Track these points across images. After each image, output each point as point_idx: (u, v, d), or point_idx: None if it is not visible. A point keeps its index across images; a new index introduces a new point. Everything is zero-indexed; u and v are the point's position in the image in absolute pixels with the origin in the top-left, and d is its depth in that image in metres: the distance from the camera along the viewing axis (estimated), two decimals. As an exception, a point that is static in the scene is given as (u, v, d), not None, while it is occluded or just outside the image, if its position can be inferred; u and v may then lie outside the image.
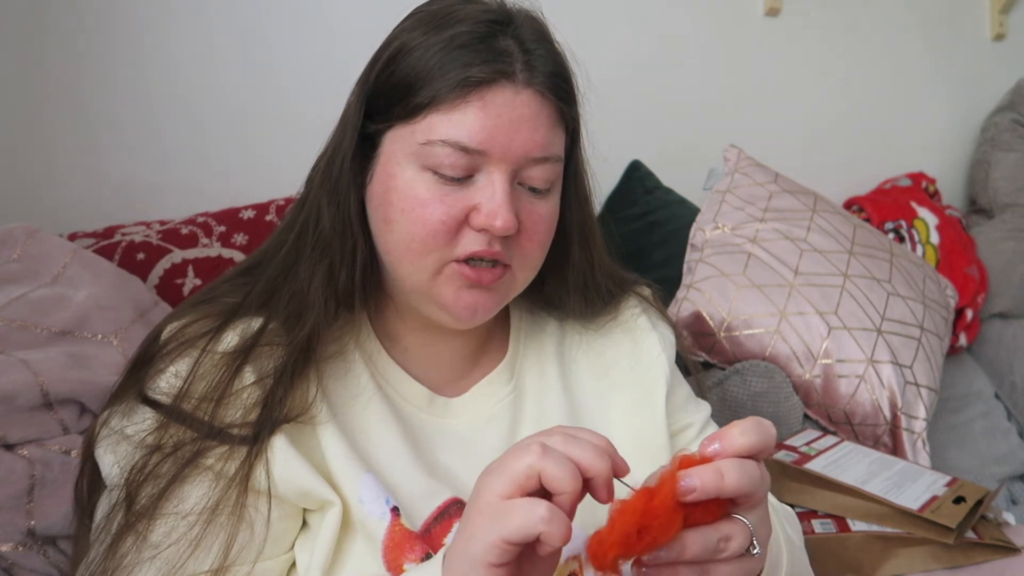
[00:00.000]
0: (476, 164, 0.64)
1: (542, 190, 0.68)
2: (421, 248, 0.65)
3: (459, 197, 0.64)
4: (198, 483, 0.62)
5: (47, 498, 0.73)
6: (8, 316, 0.80)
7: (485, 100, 0.64)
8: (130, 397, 0.65)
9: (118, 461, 0.63)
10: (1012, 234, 1.82)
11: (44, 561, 0.73)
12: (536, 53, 0.66)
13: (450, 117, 0.64)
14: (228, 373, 0.64)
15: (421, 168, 0.65)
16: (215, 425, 0.62)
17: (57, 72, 1.16)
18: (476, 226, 0.65)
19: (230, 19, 1.27)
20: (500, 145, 0.64)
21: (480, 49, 0.64)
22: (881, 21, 1.94)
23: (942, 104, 2.06)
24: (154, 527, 0.60)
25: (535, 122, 0.65)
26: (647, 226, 1.46)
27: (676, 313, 1.28)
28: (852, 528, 0.99)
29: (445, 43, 0.64)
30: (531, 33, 0.67)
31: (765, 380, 1.21)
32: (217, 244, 1.07)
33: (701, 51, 1.71)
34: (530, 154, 0.65)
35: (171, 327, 0.68)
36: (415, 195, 0.64)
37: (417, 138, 0.64)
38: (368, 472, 0.65)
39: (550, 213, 0.69)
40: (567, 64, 0.70)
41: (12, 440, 0.73)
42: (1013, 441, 1.54)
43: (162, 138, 1.23)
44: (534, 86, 0.65)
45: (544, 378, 0.78)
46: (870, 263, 1.37)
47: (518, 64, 0.65)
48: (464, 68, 0.63)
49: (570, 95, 0.69)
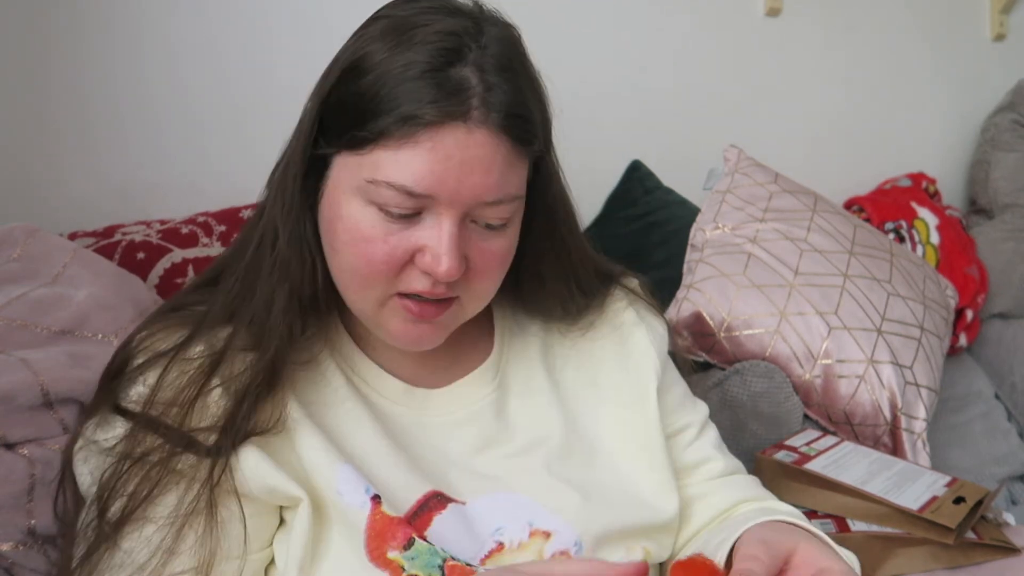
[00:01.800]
0: (423, 205, 0.61)
1: (497, 227, 0.64)
2: (363, 282, 0.63)
3: (404, 236, 0.61)
4: (168, 489, 0.62)
5: (47, 497, 0.73)
6: (8, 315, 0.80)
7: (434, 141, 0.59)
8: (104, 408, 0.65)
9: (91, 471, 0.64)
10: (1012, 234, 1.82)
11: (44, 560, 0.73)
12: (497, 88, 0.60)
13: (396, 156, 0.59)
14: (196, 380, 0.63)
15: (367, 202, 0.61)
16: (183, 432, 0.62)
17: (57, 72, 1.16)
18: (420, 267, 0.62)
19: (230, 19, 1.27)
20: (449, 189, 0.60)
21: (433, 83, 0.59)
22: (881, 21, 1.94)
23: (942, 104, 2.06)
24: (125, 533, 0.61)
25: (488, 164, 0.60)
26: (647, 226, 1.46)
27: (676, 313, 1.28)
28: (852, 528, 0.99)
29: (400, 70, 0.59)
30: (496, 60, 0.61)
31: (765, 380, 1.21)
32: (217, 244, 1.07)
33: (701, 51, 1.71)
34: (481, 198, 0.61)
35: (139, 337, 0.68)
36: (359, 230, 0.62)
37: (363, 173, 0.61)
38: (345, 463, 0.64)
39: (504, 247, 0.66)
40: (533, 96, 0.65)
41: (12, 439, 0.73)
42: (1013, 441, 1.55)
43: (162, 138, 1.23)
44: (489, 126, 0.60)
45: (531, 379, 0.76)
46: (870, 263, 1.37)
47: (474, 100, 0.59)
48: (414, 104, 0.58)
49: (532, 133, 0.63)
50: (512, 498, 0.68)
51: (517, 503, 0.68)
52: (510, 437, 0.72)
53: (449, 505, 0.66)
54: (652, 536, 0.72)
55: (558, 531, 0.67)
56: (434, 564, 0.62)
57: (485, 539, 0.66)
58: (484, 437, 0.71)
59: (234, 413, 0.62)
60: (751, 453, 1.12)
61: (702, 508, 0.78)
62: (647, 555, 0.71)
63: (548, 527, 0.67)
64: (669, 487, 0.74)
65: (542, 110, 0.66)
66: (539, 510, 0.68)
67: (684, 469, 0.79)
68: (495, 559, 0.65)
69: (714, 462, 0.81)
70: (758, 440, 1.18)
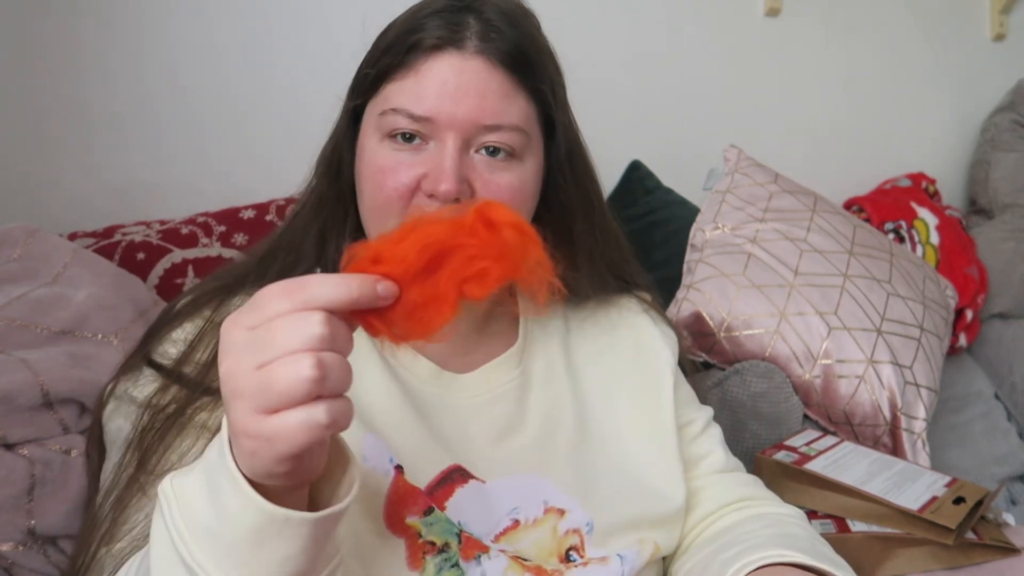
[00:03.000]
0: (428, 131, 0.66)
1: (502, 157, 0.68)
2: (380, 212, 0.68)
3: (411, 164, 0.67)
4: (192, 441, 0.64)
5: (47, 498, 0.73)
6: (8, 316, 0.80)
7: (432, 68, 0.66)
8: (138, 363, 0.69)
9: (124, 423, 0.66)
10: (1012, 234, 1.82)
11: (44, 561, 0.73)
12: (495, 27, 0.67)
13: (401, 86, 0.66)
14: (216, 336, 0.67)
15: (382, 138, 0.68)
16: (207, 383, 0.64)
17: (57, 72, 1.16)
18: (426, 191, 0.67)
19: (230, 19, 1.27)
20: (446, 112, 0.65)
21: (435, 21, 0.67)
22: (881, 21, 1.94)
23: (942, 104, 2.06)
24: (153, 482, 0.62)
25: (483, 89, 0.66)
26: (647, 226, 1.46)
27: (676, 313, 1.28)
28: (852, 528, 0.99)
29: (409, 16, 0.69)
30: (499, 14, 0.68)
31: (765, 380, 1.21)
32: (217, 244, 1.07)
33: (701, 51, 1.71)
34: (478, 121, 0.66)
35: (183, 301, 0.72)
36: (377, 164, 0.68)
37: (377, 109, 0.68)
38: (370, 433, 0.66)
39: (514, 183, 0.69)
40: (536, 45, 0.70)
41: (12, 440, 0.73)
42: (1013, 441, 1.55)
43: (162, 138, 1.23)
44: (485, 55, 0.66)
45: (552, 368, 0.79)
46: (870, 263, 1.37)
47: (470, 32, 0.66)
48: (415, 35, 0.66)
49: (532, 70, 0.69)
50: (530, 480, 0.71)
51: (534, 485, 0.71)
52: (530, 422, 0.75)
53: (470, 481, 0.68)
54: (661, 526, 0.74)
55: (572, 510, 0.70)
56: (451, 532, 0.65)
57: (501, 517, 0.68)
58: (506, 421, 0.74)
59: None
60: (751, 453, 1.12)
61: (706, 498, 0.80)
62: (656, 549, 0.73)
63: (563, 505, 0.70)
64: (678, 477, 0.76)
65: (548, 66, 0.71)
66: (554, 490, 0.70)
67: (689, 461, 0.81)
68: (509, 536, 0.68)
69: (717, 456, 0.83)
70: (758, 440, 1.18)
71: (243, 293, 0.71)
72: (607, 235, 0.81)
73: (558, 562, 0.68)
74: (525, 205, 0.72)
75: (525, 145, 0.69)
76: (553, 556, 0.68)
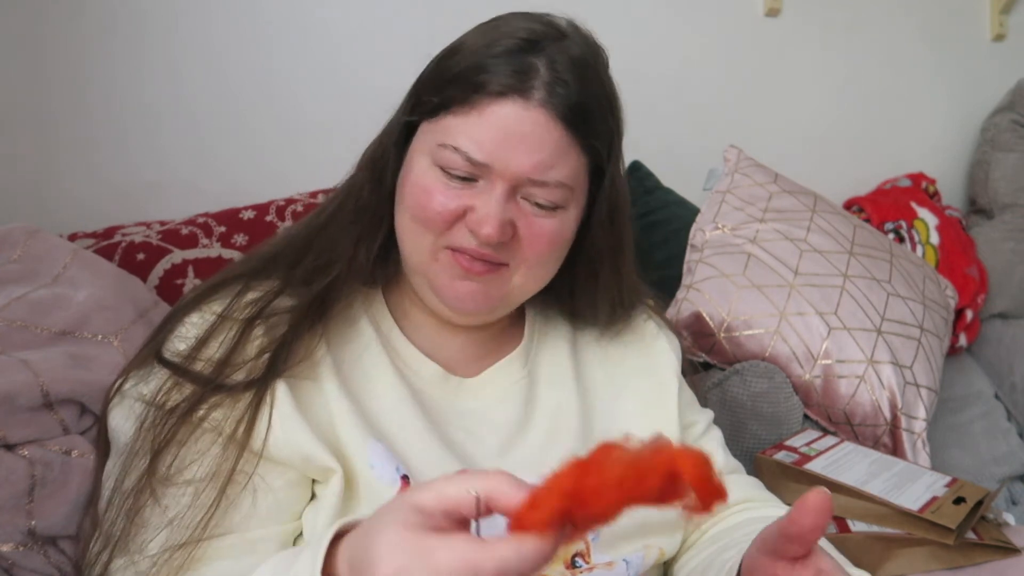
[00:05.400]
0: (480, 172, 0.67)
1: (546, 208, 0.69)
2: (419, 228, 0.69)
3: (459, 194, 0.67)
4: (205, 443, 0.63)
5: (47, 498, 0.73)
6: (8, 316, 0.80)
7: (495, 112, 0.65)
8: (147, 359, 0.68)
9: (134, 424, 0.65)
10: (1012, 234, 1.82)
11: (44, 561, 0.73)
12: (564, 79, 0.66)
13: (463, 123, 0.66)
14: (239, 331, 0.67)
15: (433, 163, 0.68)
16: (220, 380, 0.64)
17: (58, 72, 1.16)
18: (468, 227, 0.67)
19: (231, 21, 1.27)
20: (500, 160, 0.65)
21: (505, 63, 0.66)
22: (881, 21, 1.94)
23: (942, 104, 2.06)
24: (168, 490, 0.62)
25: (539, 143, 0.66)
26: (647, 226, 1.46)
27: (676, 313, 1.28)
28: (852, 529, 0.99)
29: (481, 49, 0.67)
30: (570, 61, 0.67)
31: (765, 380, 1.21)
32: (217, 244, 1.07)
33: (701, 51, 1.71)
34: (528, 175, 0.66)
35: (191, 297, 0.71)
36: (425, 185, 0.68)
37: (436, 138, 0.68)
38: (378, 440, 0.66)
39: (554, 230, 0.70)
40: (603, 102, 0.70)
41: (12, 440, 0.73)
42: (1013, 441, 1.55)
43: (162, 138, 1.23)
44: (547, 109, 0.66)
45: (557, 369, 0.80)
46: (870, 263, 1.37)
47: (537, 82, 0.65)
48: (484, 75, 0.65)
49: (591, 126, 0.68)
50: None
51: None
52: (536, 424, 0.75)
53: None
54: (666, 530, 0.74)
55: None
56: None
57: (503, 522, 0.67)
58: (513, 422, 0.74)
59: (279, 342, 0.66)
60: (751, 453, 1.12)
61: None
62: (661, 553, 0.74)
63: None
64: None
65: (609, 119, 0.71)
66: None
67: None
68: None
69: (718, 459, 0.84)
70: (758, 440, 1.18)
71: (261, 288, 0.70)
72: (630, 276, 0.81)
73: (564, 568, 0.68)
74: (562, 250, 0.73)
75: (569, 197, 0.70)
76: (559, 563, 0.68)
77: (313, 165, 1.29)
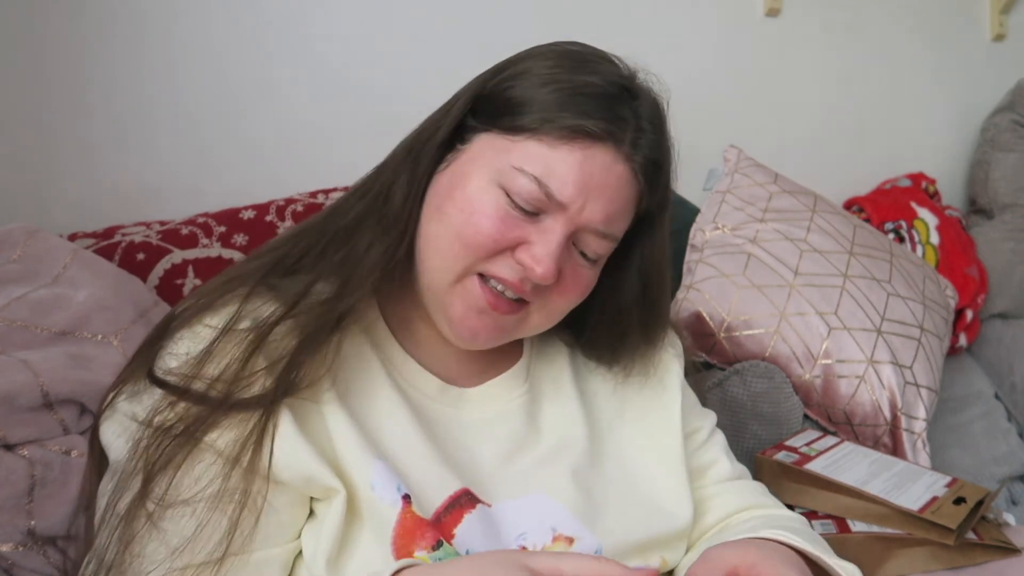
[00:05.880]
0: (550, 208, 0.65)
1: (591, 259, 0.69)
2: (460, 249, 0.65)
3: (517, 224, 0.65)
4: (205, 466, 0.61)
5: (47, 498, 0.73)
6: (8, 316, 0.80)
7: (586, 154, 0.64)
8: (140, 378, 0.64)
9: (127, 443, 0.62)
10: (1012, 234, 1.82)
11: (44, 561, 0.73)
12: (647, 134, 0.67)
13: (551, 153, 0.64)
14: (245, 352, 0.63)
15: (497, 184, 0.65)
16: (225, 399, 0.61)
17: (58, 72, 1.16)
18: (519, 259, 0.65)
19: (230, 21, 1.27)
20: (578, 203, 0.65)
21: (603, 106, 0.65)
22: (881, 21, 1.94)
23: (942, 104, 2.06)
24: (165, 513, 0.60)
25: (616, 195, 0.66)
26: (647, 226, 1.46)
27: (676, 313, 1.28)
28: (852, 529, 0.99)
29: (574, 86, 0.65)
30: (649, 114, 0.68)
31: (765, 380, 1.21)
32: (217, 244, 1.07)
33: (701, 51, 1.71)
34: (597, 225, 0.66)
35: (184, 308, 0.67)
36: (480, 202, 0.65)
37: (511, 158, 0.65)
38: (379, 459, 0.65)
39: (589, 280, 0.70)
40: (670, 156, 0.71)
41: (12, 440, 0.73)
42: (1013, 441, 1.55)
43: (162, 139, 1.23)
44: (632, 163, 0.66)
45: (560, 385, 0.78)
46: (870, 263, 1.37)
47: (629, 131, 0.66)
48: (583, 116, 0.64)
49: (657, 184, 0.70)
50: (538, 503, 0.69)
51: (542, 508, 0.69)
52: (539, 440, 0.74)
53: (478, 506, 0.67)
54: (669, 544, 0.74)
55: (581, 537, 0.68)
56: None
57: (508, 542, 0.67)
58: (515, 439, 0.73)
59: (292, 359, 0.62)
60: (751, 453, 1.12)
61: (714, 507, 0.80)
62: (663, 564, 0.73)
63: (571, 532, 0.68)
64: (685, 494, 0.76)
65: (670, 173, 0.72)
66: (564, 515, 0.69)
67: (695, 471, 0.81)
68: None
69: (723, 465, 0.83)
70: (758, 440, 1.18)
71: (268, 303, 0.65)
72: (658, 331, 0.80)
73: None
74: (586, 295, 0.71)
75: (611, 251, 0.70)
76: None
77: (313, 165, 1.29)
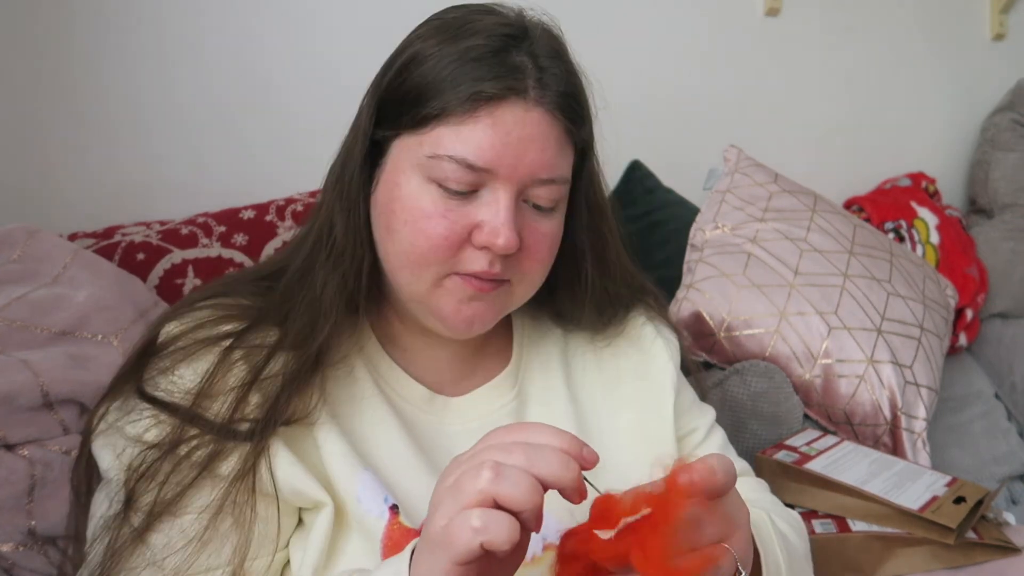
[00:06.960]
0: (482, 180, 0.64)
1: (546, 209, 0.67)
2: (421, 260, 0.65)
3: (463, 213, 0.64)
4: (200, 485, 0.61)
5: (47, 498, 0.73)
6: (8, 316, 0.80)
7: (494, 116, 0.63)
8: (130, 393, 0.65)
9: (118, 457, 0.63)
10: (1012, 234, 1.82)
11: (44, 561, 0.73)
12: (550, 71, 0.65)
13: (458, 131, 0.63)
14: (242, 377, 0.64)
15: (426, 180, 0.64)
16: (219, 424, 0.62)
17: (57, 72, 1.16)
18: (478, 243, 0.64)
19: (225, 21, 1.27)
20: (507, 164, 0.63)
21: (493, 63, 0.63)
22: (881, 21, 1.94)
23: (942, 104, 2.06)
24: (156, 528, 0.60)
25: (544, 142, 0.64)
26: (647, 226, 1.46)
27: (676, 313, 1.28)
28: (852, 528, 0.99)
29: (459, 55, 0.64)
30: (546, 50, 0.66)
31: (765, 380, 1.21)
32: (217, 244, 1.07)
33: (701, 51, 1.71)
34: (536, 175, 0.65)
35: (169, 327, 0.67)
36: (419, 207, 0.64)
37: (424, 150, 0.64)
38: (367, 469, 0.65)
39: (553, 231, 0.69)
40: (581, 83, 0.69)
41: (12, 440, 0.73)
42: (1013, 441, 1.54)
43: (162, 139, 1.23)
44: (545, 105, 0.64)
45: (549, 387, 0.78)
46: (870, 263, 1.37)
47: (530, 81, 0.64)
48: (476, 82, 0.62)
49: (581, 116, 0.68)
50: None
51: None
52: None
53: None
54: None
55: None
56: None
57: None
58: None
59: (277, 398, 0.63)
60: (751, 453, 1.12)
61: None
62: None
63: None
64: None
65: (587, 101, 0.70)
66: (555, 525, 0.68)
67: None
68: None
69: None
70: (758, 440, 1.18)
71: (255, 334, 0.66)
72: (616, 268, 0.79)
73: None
74: (556, 250, 0.71)
75: (565, 193, 0.69)
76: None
77: (313, 165, 1.28)
